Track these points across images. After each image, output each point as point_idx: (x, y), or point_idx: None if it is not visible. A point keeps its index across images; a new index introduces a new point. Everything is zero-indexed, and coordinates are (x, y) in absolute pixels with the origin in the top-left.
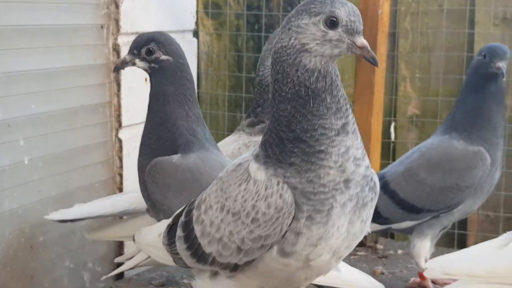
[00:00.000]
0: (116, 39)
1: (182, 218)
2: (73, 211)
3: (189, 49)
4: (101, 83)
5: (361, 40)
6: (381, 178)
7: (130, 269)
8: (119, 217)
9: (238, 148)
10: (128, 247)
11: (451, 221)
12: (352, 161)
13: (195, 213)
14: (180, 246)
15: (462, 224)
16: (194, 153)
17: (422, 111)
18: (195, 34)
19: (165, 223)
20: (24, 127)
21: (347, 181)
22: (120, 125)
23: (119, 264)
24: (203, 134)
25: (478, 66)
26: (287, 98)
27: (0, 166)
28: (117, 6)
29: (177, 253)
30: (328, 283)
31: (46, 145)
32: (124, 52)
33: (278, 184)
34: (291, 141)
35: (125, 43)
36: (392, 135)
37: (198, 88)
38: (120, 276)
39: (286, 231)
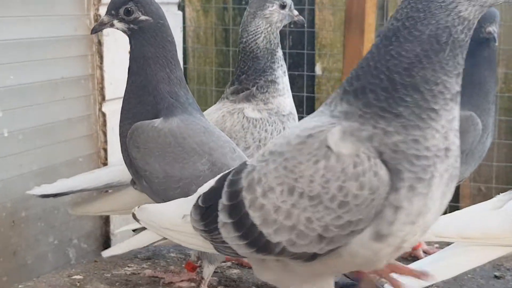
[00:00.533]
0: (97, 9)
1: (223, 201)
2: (56, 185)
3: (174, 22)
4: (83, 55)
5: None
6: None
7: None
8: (104, 191)
9: (222, 116)
10: (115, 223)
11: None
12: (454, 132)
13: (246, 195)
14: (228, 234)
15: (454, 197)
16: (177, 117)
17: None
18: (180, 8)
19: (183, 202)
20: (3, 98)
21: (447, 150)
22: (103, 98)
23: (106, 240)
24: (186, 98)
25: None
26: (421, 39)
27: None
28: None
29: (223, 241)
30: None
31: (26, 118)
32: None
33: (369, 159)
34: (406, 88)
35: None
36: None
37: (185, 64)
38: (105, 249)
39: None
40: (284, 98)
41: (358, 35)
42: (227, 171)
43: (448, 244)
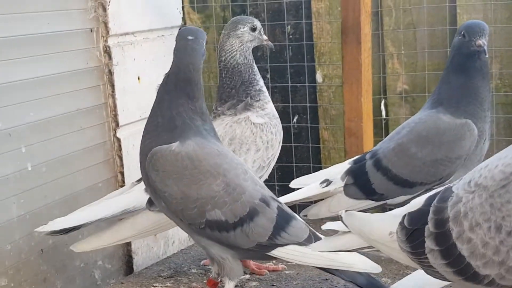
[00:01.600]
0: (106, 41)
1: (430, 227)
2: (71, 219)
3: None
4: (95, 85)
5: None
6: (373, 155)
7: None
8: (119, 219)
9: (230, 126)
10: (135, 242)
11: None
12: None
13: (453, 227)
14: (436, 260)
15: None
16: (192, 140)
17: (411, 86)
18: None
19: (387, 217)
20: (25, 134)
21: None
22: (117, 124)
23: (128, 259)
24: (202, 123)
25: (460, 45)
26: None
27: (5, 175)
28: (104, 9)
29: (430, 266)
30: (326, 265)
31: (48, 151)
32: (115, 53)
33: None
34: None
35: (115, 44)
36: (383, 113)
37: None
38: (130, 271)
39: None
40: (271, 103)
41: (355, 45)
42: (432, 194)
43: None
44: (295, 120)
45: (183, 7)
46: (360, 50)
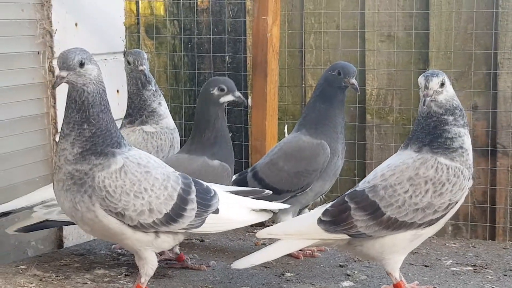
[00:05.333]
0: (51, 62)
1: (354, 206)
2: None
3: (120, 67)
4: (39, 97)
5: None
6: (252, 169)
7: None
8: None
9: (127, 134)
10: (67, 229)
11: (307, 199)
12: None
13: (375, 199)
14: (362, 222)
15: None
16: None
17: None
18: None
19: (308, 218)
20: None
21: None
22: (57, 131)
23: (59, 243)
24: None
25: (332, 80)
26: None
27: None
28: (51, 36)
29: (351, 228)
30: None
31: None
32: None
33: None
34: None
35: None
36: (286, 134)
37: None
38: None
39: None
40: (167, 119)
41: (263, 77)
42: (331, 203)
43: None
44: None
45: (139, 34)
46: (266, 82)
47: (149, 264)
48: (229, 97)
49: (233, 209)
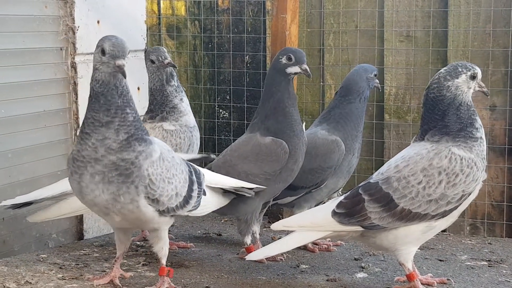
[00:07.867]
0: (73, 58)
1: (369, 198)
2: (21, 198)
3: (141, 64)
4: (62, 93)
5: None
6: None
7: None
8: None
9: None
10: (87, 222)
11: (322, 196)
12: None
13: (389, 190)
14: (376, 214)
15: None
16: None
17: None
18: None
19: (322, 210)
20: None
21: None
22: (78, 126)
23: (80, 236)
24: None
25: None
26: None
27: None
28: (73, 33)
29: (366, 219)
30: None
31: (15, 141)
32: (80, 68)
33: None
34: None
35: (81, 61)
36: None
37: None
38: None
39: None
40: (187, 116)
41: None
42: (345, 195)
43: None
44: None
45: (160, 35)
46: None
47: (167, 244)
48: (296, 69)
49: (212, 190)
